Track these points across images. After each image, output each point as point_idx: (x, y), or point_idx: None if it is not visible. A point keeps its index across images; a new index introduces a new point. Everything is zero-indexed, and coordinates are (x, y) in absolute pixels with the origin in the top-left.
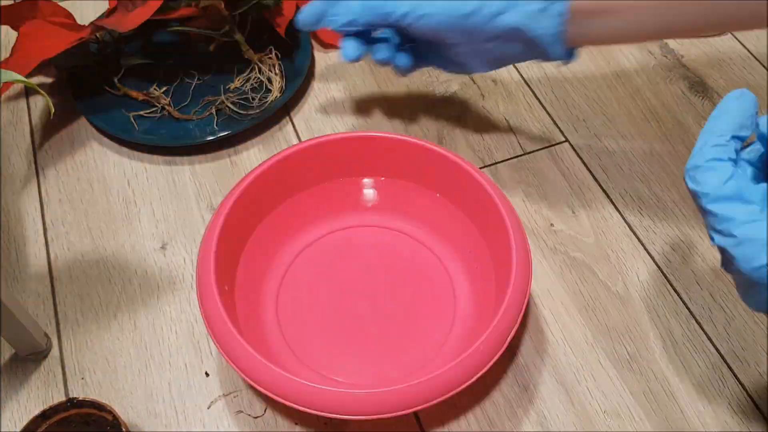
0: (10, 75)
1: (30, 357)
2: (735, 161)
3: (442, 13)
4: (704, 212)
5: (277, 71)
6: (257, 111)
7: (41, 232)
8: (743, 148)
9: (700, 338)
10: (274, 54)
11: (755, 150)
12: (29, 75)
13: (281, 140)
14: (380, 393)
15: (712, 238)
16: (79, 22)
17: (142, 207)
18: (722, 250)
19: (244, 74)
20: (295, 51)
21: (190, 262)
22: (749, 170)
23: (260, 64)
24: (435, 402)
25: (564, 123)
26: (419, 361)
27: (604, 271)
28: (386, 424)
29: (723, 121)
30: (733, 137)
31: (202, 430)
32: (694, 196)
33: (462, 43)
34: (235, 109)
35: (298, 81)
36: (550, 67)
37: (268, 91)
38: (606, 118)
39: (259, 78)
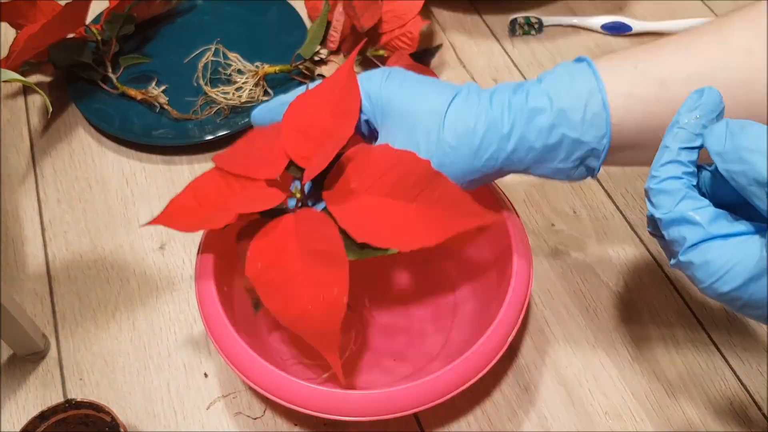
0: (9, 75)
1: (28, 357)
2: (692, 173)
3: (461, 168)
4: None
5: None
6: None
7: (39, 231)
8: None
9: (702, 338)
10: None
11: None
12: (25, 71)
13: None
14: (380, 394)
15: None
16: None
17: (141, 207)
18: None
19: (245, 74)
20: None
21: (189, 263)
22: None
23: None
24: (435, 403)
25: None
26: (419, 362)
27: (606, 271)
28: (386, 424)
29: (671, 133)
30: (685, 148)
31: (201, 431)
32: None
33: None
34: (234, 108)
35: (298, 80)
36: (551, 67)
37: (268, 92)
38: None
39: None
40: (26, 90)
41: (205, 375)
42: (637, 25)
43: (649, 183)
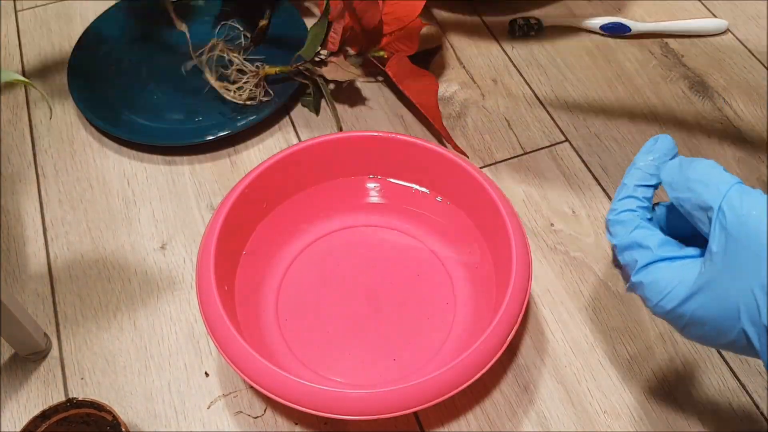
0: (10, 75)
1: (30, 357)
2: (647, 208)
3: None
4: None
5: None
6: (257, 111)
7: (41, 232)
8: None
9: None
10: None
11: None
12: (30, 74)
13: (281, 140)
14: (380, 393)
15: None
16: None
17: (142, 207)
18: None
19: (246, 75)
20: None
21: (190, 262)
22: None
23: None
24: (435, 402)
25: (564, 123)
26: (419, 362)
27: (605, 270)
28: (386, 424)
29: (629, 173)
30: (640, 186)
31: (201, 430)
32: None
33: None
34: (235, 108)
35: (298, 80)
36: (551, 67)
37: (269, 92)
38: (606, 117)
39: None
40: (28, 91)
41: (206, 374)
42: (636, 26)
43: (609, 215)
